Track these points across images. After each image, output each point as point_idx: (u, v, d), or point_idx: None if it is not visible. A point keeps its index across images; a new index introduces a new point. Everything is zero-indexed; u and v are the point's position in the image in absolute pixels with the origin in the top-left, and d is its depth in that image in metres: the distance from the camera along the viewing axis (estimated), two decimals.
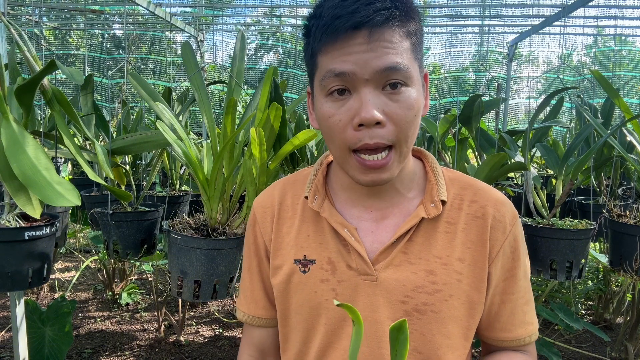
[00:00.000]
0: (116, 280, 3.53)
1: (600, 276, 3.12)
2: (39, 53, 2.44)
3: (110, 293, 3.44)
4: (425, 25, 4.12)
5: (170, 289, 1.46)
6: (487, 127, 3.03)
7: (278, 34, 6.21)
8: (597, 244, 3.03)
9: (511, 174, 2.83)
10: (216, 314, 3.28)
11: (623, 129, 1.86)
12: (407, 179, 0.76)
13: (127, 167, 2.17)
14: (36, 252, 1.35)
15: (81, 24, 4.65)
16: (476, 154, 2.22)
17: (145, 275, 3.93)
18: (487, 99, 2.16)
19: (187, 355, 2.72)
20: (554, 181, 2.63)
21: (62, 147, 1.61)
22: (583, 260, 1.66)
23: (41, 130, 1.62)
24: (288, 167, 1.80)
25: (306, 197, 0.78)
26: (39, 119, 2.43)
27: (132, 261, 2.83)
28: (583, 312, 3.29)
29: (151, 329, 3.06)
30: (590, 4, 2.75)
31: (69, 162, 3.47)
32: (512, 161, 1.89)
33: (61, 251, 3.83)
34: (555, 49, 5.63)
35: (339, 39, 0.64)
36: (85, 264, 3.22)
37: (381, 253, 0.72)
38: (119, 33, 6.10)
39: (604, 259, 2.34)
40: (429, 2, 3.93)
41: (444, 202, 0.74)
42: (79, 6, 3.73)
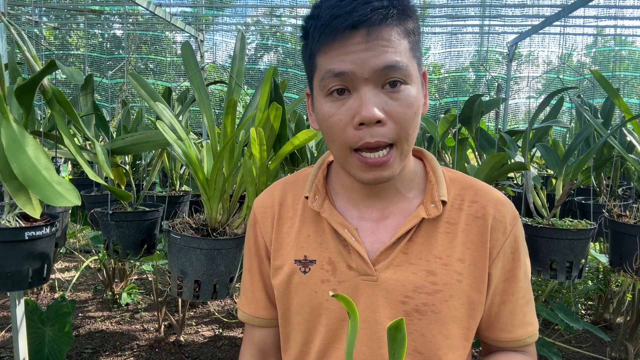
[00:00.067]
0: (116, 280, 3.53)
1: (600, 276, 3.12)
2: (39, 53, 2.44)
3: (110, 293, 3.44)
4: (425, 25, 4.12)
5: (170, 289, 1.46)
6: (487, 127, 3.03)
7: (278, 34, 6.21)
8: (597, 244, 3.03)
9: (511, 174, 2.83)
10: (216, 314, 3.28)
11: (623, 129, 1.86)
12: (407, 179, 0.76)
13: (127, 167, 2.17)
14: (36, 252, 1.35)
15: (81, 24, 4.65)
16: (476, 154, 2.22)
17: (145, 275, 3.93)
18: (487, 99, 2.16)
19: (187, 355, 2.72)
20: (554, 181, 2.63)
21: (62, 147, 1.61)
22: (583, 260, 1.66)
23: (41, 130, 1.62)
24: (288, 167, 1.80)
25: (306, 197, 0.78)
26: (39, 119, 2.42)
27: (132, 261, 2.83)
28: (583, 312, 3.29)
29: (151, 329, 3.06)
30: (590, 4, 2.75)
31: (69, 162, 3.46)
32: (512, 161, 1.89)
33: (61, 251, 3.83)
34: (555, 49, 5.63)
35: (337, 39, 0.64)
36: (85, 264, 3.22)
37: (381, 253, 0.72)
38: (119, 33, 6.10)
39: (604, 259, 2.34)
40: (429, 2, 3.93)
41: (444, 203, 0.74)
42: (79, 6, 3.73)
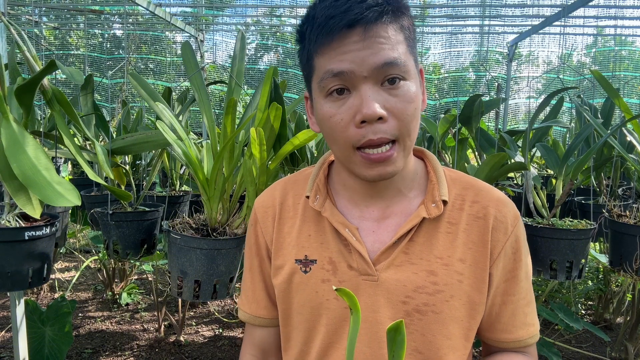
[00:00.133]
0: (116, 280, 3.53)
1: (600, 276, 3.12)
2: (39, 53, 2.44)
3: (110, 293, 3.44)
4: (425, 25, 4.13)
5: (170, 289, 1.46)
6: (487, 127, 3.03)
7: (278, 34, 6.21)
8: (597, 244, 3.03)
9: (511, 174, 2.83)
10: (216, 314, 3.28)
11: (623, 129, 1.86)
12: (408, 178, 0.76)
13: (127, 167, 2.17)
14: (36, 252, 1.35)
15: (81, 24, 4.65)
16: (476, 154, 2.22)
17: (145, 275, 3.93)
18: (487, 99, 2.16)
19: (187, 355, 2.72)
20: (554, 181, 2.63)
21: (62, 147, 1.61)
22: (583, 260, 1.66)
23: (41, 130, 1.62)
24: (288, 167, 1.80)
25: (307, 197, 0.78)
26: (39, 119, 2.42)
27: (132, 261, 2.83)
28: (583, 312, 3.29)
29: (151, 329, 3.05)
30: (590, 4, 2.75)
31: (69, 162, 3.46)
32: (512, 161, 1.89)
33: (61, 251, 3.83)
34: (555, 49, 5.63)
35: (335, 39, 0.64)
36: (85, 264, 3.22)
37: (382, 253, 0.72)
38: (119, 33, 6.10)
39: (604, 259, 2.34)
40: (429, 2, 3.93)
41: (445, 202, 0.74)
42: (79, 6, 3.73)
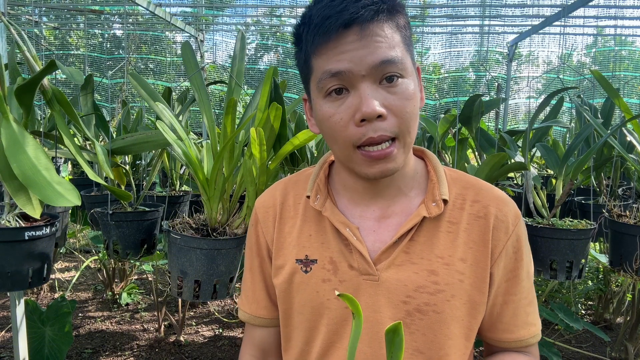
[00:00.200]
0: (116, 280, 3.53)
1: (600, 276, 3.12)
2: (39, 53, 2.44)
3: (110, 293, 3.44)
4: (425, 25, 4.13)
5: (170, 289, 1.46)
6: (487, 127, 3.03)
7: (278, 34, 6.21)
8: (597, 244, 3.03)
9: (511, 174, 2.83)
10: (216, 314, 3.28)
11: (623, 129, 1.86)
12: (409, 177, 0.76)
13: (127, 167, 2.17)
14: (36, 252, 1.35)
15: (81, 24, 4.65)
16: (476, 154, 2.22)
17: (145, 275, 3.93)
18: (487, 99, 2.16)
19: (187, 355, 2.72)
20: (554, 181, 2.63)
21: (62, 147, 1.61)
22: (583, 260, 1.66)
23: (41, 130, 1.62)
24: (288, 167, 1.80)
25: (308, 197, 0.78)
26: (39, 119, 2.42)
27: (132, 261, 2.83)
28: (583, 312, 3.29)
29: (151, 329, 3.05)
30: (590, 4, 2.75)
31: (69, 162, 3.46)
32: (512, 161, 1.89)
33: (61, 251, 3.83)
34: (555, 49, 5.63)
35: (332, 39, 0.64)
36: (85, 264, 3.22)
37: (383, 252, 0.72)
38: (119, 33, 6.10)
39: (604, 259, 2.34)
40: (429, 2, 3.93)
41: (445, 201, 0.74)
42: (79, 6, 3.73)
